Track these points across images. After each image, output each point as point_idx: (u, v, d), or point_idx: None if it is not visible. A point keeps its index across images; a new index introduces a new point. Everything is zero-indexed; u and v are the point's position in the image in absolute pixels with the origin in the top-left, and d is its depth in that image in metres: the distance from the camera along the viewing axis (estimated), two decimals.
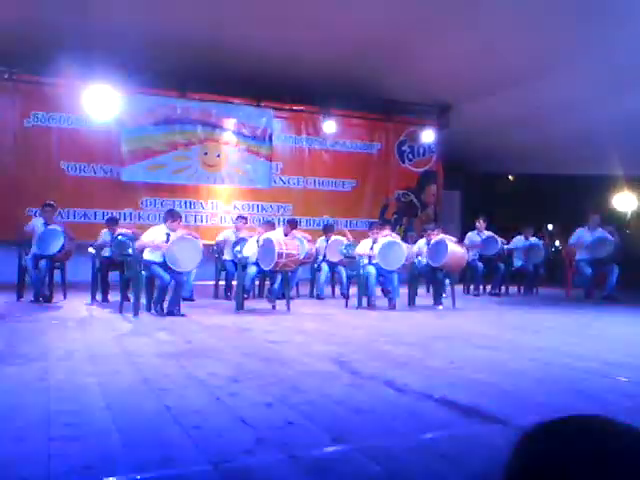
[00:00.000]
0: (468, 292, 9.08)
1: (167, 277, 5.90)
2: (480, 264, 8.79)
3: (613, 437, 0.59)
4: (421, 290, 8.05)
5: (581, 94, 8.92)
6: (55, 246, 6.68)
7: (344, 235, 8.48)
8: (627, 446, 0.57)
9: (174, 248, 5.91)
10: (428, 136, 11.34)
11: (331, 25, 7.86)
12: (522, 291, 9.41)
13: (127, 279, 6.36)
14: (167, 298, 6.03)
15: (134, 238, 6.46)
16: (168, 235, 6.05)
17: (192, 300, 7.15)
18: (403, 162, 11.77)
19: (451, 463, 1.95)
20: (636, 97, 8.51)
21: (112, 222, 7.69)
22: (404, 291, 7.18)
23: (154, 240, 5.98)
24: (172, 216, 6.24)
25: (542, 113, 9.74)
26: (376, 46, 8.44)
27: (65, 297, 7.14)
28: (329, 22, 7.80)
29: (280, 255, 6.25)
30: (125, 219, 9.38)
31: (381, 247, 6.85)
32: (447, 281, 7.38)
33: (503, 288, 9.20)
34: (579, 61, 8.19)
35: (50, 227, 6.86)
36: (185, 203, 10.13)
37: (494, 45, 8.07)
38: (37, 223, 7.02)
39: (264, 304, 6.90)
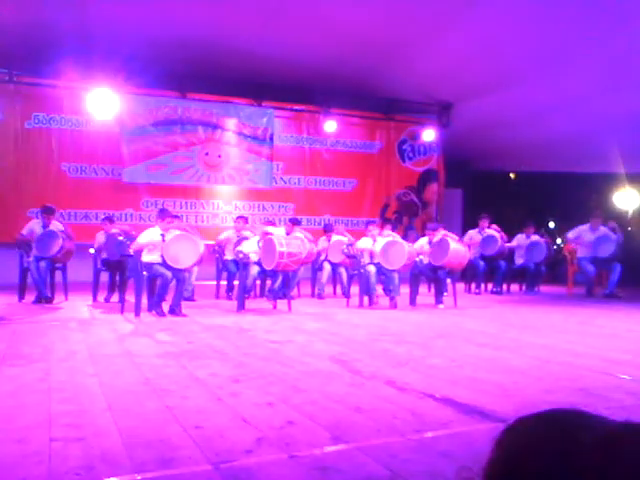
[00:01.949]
0: (469, 291, 9.07)
1: (169, 274, 5.89)
2: (481, 262, 8.78)
3: (587, 431, 0.59)
4: (422, 289, 8.04)
5: (582, 91, 8.91)
6: (54, 247, 6.69)
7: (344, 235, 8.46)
8: (600, 440, 0.57)
9: (171, 246, 5.91)
10: (429, 135, 11.32)
11: (331, 24, 7.86)
12: (524, 289, 9.40)
13: (127, 280, 6.36)
14: (168, 297, 6.04)
15: (133, 238, 6.44)
16: (163, 235, 6.04)
17: (193, 300, 7.16)
18: (404, 161, 11.76)
19: (452, 461, 1.95)
20: (636, 93, 8.49)
21: (107, 221, 7.43)
22: (405, 290, 7.18)
23: (150, 241, 5.98)
24: (163, 215, 6.22)
25: (543, 110, 9.73)
26: (376, 45, 8.44)
27: (66, 298, 7.15)
28: (329, 21, 7.79)
29: (281, 255, 6.25)
30: (126, 220, 9.40)
31: (382, 246, 6.84)
32: (448, 280, 7.37)
33: (504, 286, 9.19)
34: (579, 58, 8.18)
35: (48, 229, 6.86)
36: (186, 203, 10.14)
37: (495, 43, 8.07)
38: (35, 225, 7.02)
39: (265, 304, 6.90)
